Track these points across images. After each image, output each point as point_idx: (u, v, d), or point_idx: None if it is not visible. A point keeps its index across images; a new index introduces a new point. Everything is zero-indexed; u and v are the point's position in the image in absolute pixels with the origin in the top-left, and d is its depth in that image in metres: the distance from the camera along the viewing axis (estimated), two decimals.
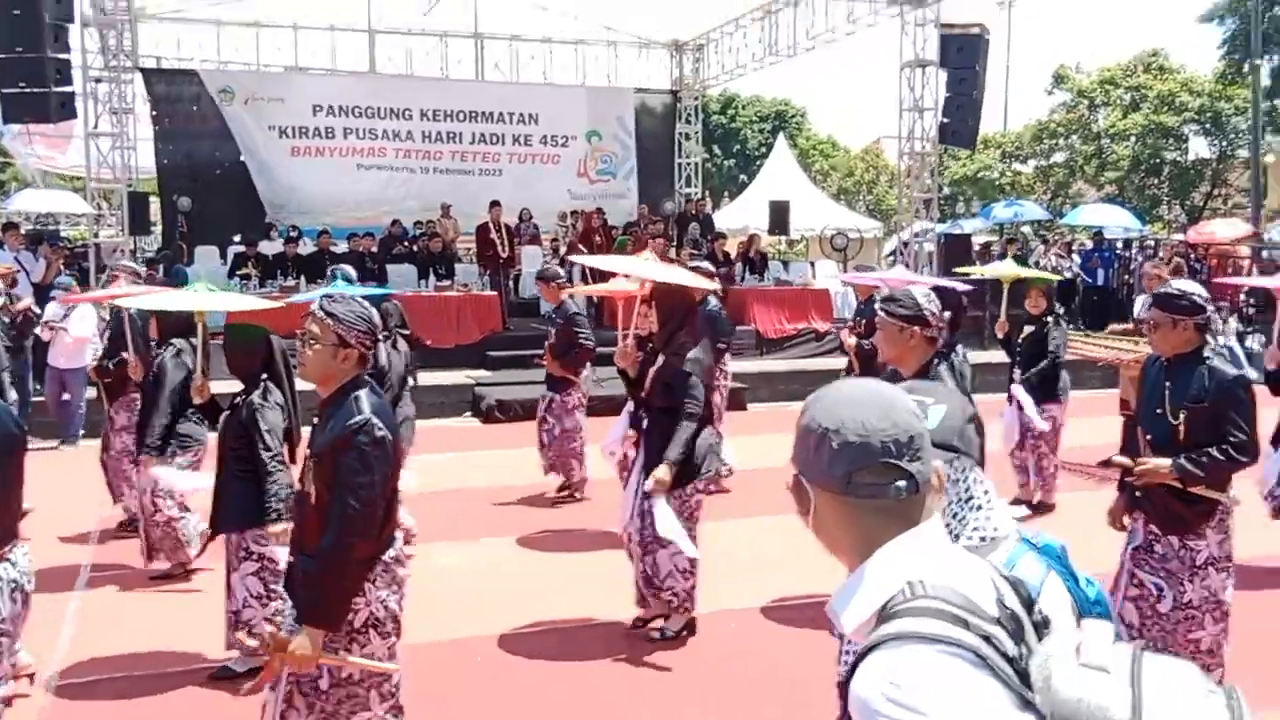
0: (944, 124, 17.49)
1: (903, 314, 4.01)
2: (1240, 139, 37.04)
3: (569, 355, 8.59)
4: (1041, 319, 8.27)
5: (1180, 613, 4.21)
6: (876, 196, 44.39)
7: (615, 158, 21.95)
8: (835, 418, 1.61)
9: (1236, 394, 4.11)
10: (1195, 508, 4.19)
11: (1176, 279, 6.11)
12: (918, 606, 1.46)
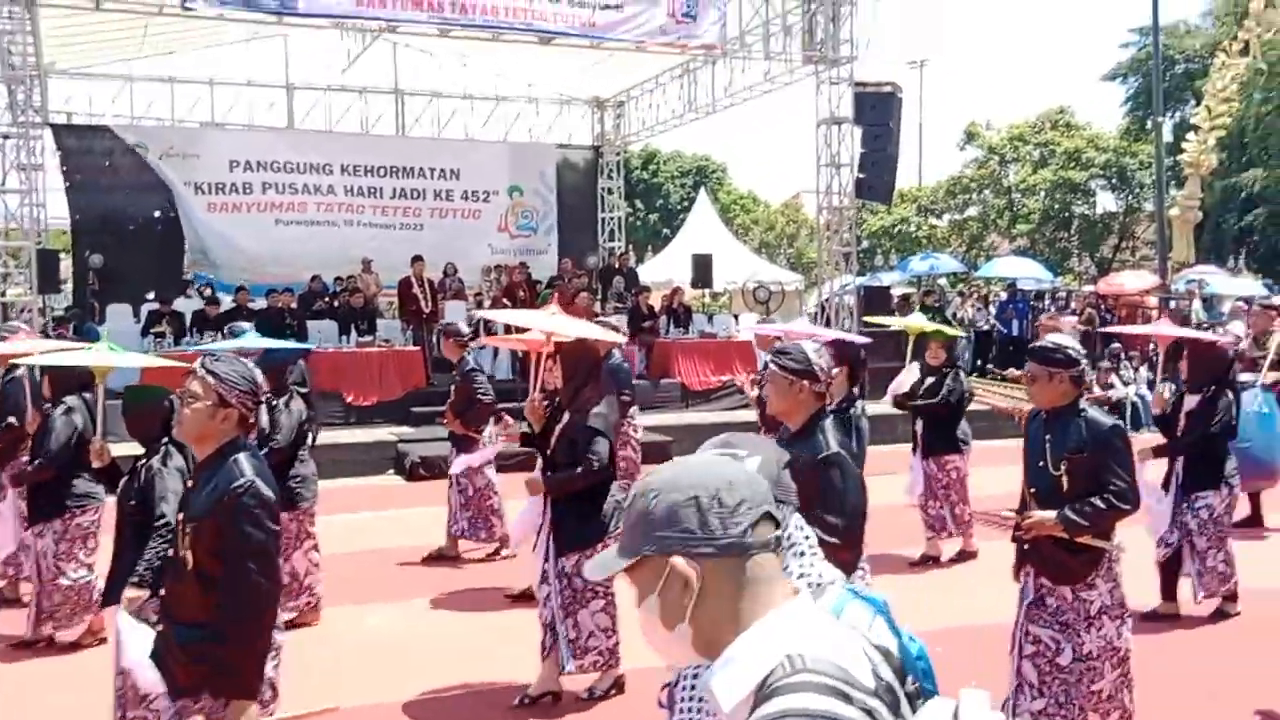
0: (860, 179, 17.82)
1: (793, 367, 4.00)
2: (1145, 193, 38.36)
3: (469, 412, 8.48)
4: (942, 370, 8.35)
5: (1080, 665, 4.22)
6: (797, 250, 45.05)
7: (536, 213, 22.00)
8: (718, 478, 1.60)
9: (1113, 443, 4.19)
10: (1081, 557, 4.24)
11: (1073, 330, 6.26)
12: (799, 682, 1.43)
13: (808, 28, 17.50)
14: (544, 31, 15.58)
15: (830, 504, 3.79)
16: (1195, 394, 6.79)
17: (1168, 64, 35.24)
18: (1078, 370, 4.28)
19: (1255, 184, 34.22)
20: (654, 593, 1.60)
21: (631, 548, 1.62)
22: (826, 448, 3.88)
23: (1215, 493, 6.64)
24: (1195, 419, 6.70)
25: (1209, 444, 6.63)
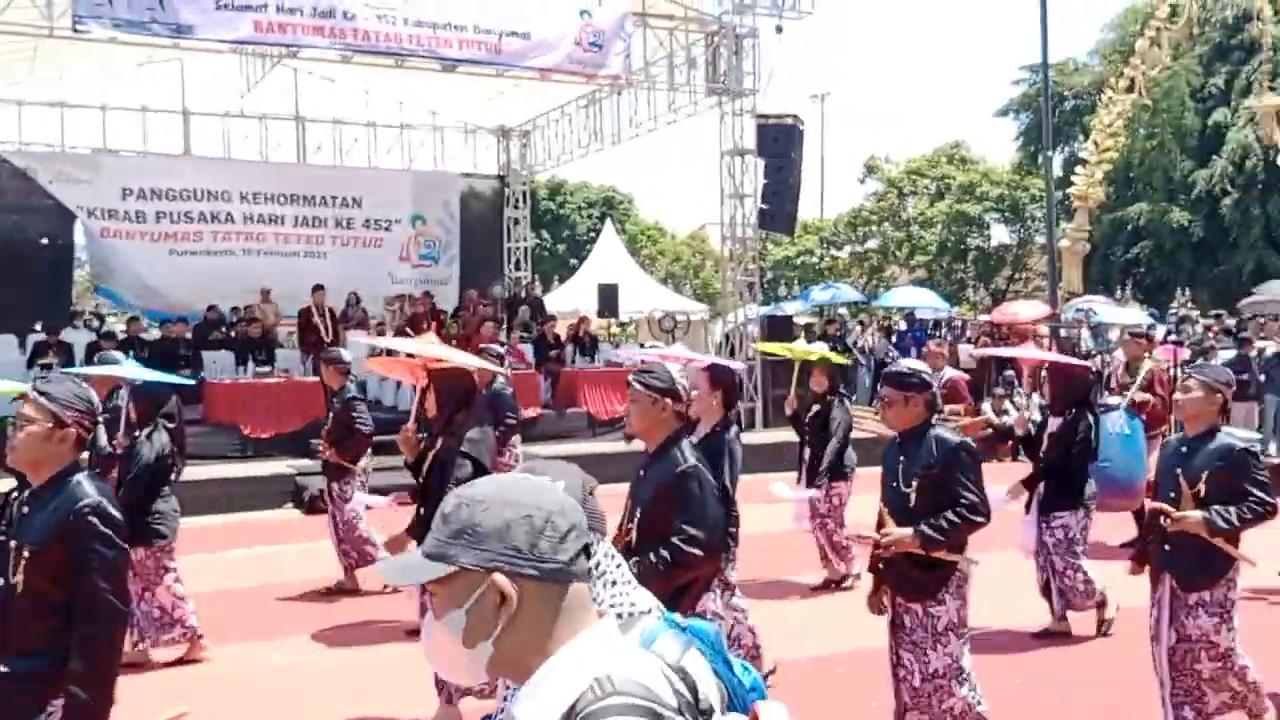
0: (763, 210, 18.07)
1: (656, 385, 4.04)
2: (1037, 225, 39.58)
3: (347, 442, 8.28)
4: (826, 398, 8.38)
5: (929, 684, 4.28)
6: (703, 280, 45.45)
7: (438, 242, 21.82)
8: (553, 501, 1.58)
9: (961, 458, 4.30)
10: (935, 573, 4.33)
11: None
12: (610, 705, 1.42)
13: (711, 60, 17.75)
14: (448, 59, 15.50)
15: (692, 516, 3.83)
16: (1058, 416, 6.94)
17: (1057, 100, 36.51)
18: (930, 394, 4.42)
19: (1141, 217, 35.55)
20: (461, 608, 1.54)
21: (448, 556, 1.54)
22: (684, 462, 3.94)
23: (1072, 514, 6.80)
24: (1057, 441, 6.84)
25: (1068, 466, 6.80)
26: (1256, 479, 4.64)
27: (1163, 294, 34.65)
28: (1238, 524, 4.58)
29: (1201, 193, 34.49)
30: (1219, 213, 34.07)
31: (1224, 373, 5.01)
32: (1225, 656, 4.65)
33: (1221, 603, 4.66)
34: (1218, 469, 4.65)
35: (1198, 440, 4.79)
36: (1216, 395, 4.78)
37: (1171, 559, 4.73)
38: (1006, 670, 6.24)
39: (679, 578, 3.85)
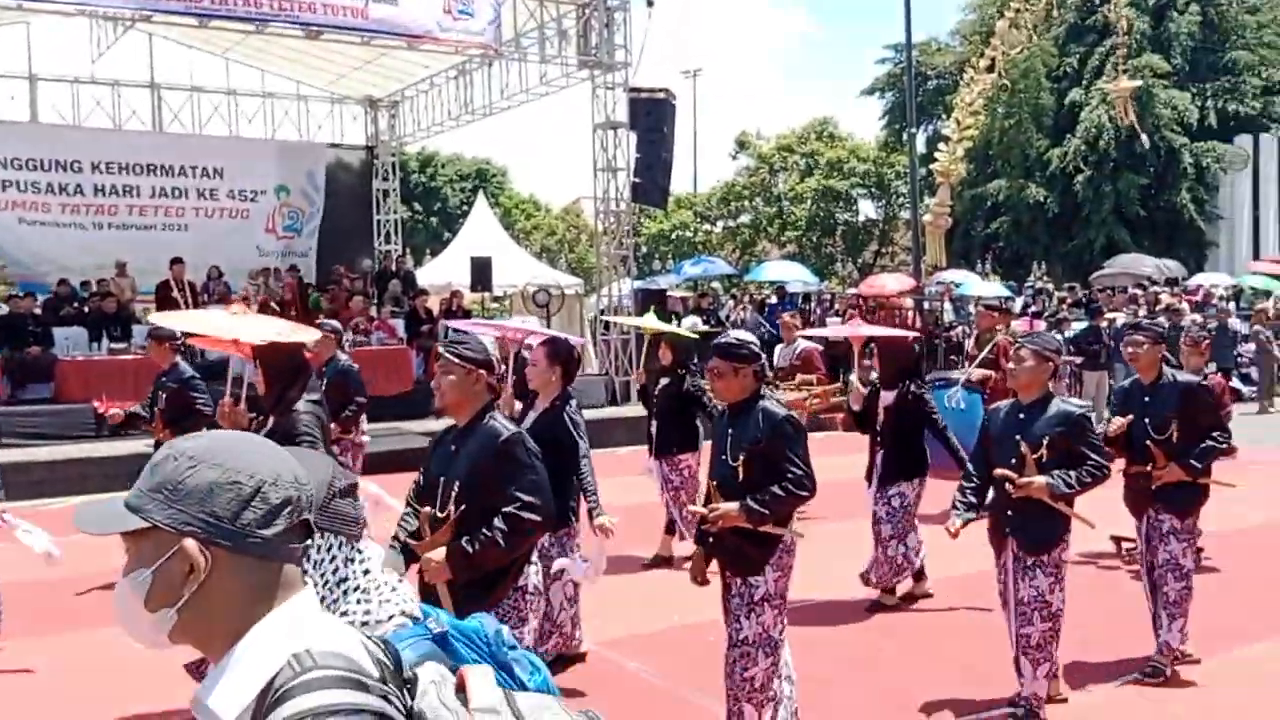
0: (636, 184, 18.10)
1: (470, 356, 3.89)
2: (902, 201, 40.60)
3: (184, 423, 7.69)
4: (675, 371, 8.25)
5: (736, 650, 4.25)
6: (578, 255, 45.38)
7: (302, 214, 21.25)
8: (268, 469, 1.45)
9: (787, 431, 4.26)
10: (761, 548, 4.28)
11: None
12: (313, 679, 1.33)
13: (583, 32, 17.64)
14: (311, 24, 15.04)
15: (524, 483, 3.72)
16: (890, 390, 7.05)
17: (920, 79, 37.41)
18: (759, 365, 4.38)
19: (1000, 193, 36.76)
20: (149, 567, 1.42)
21: (143, 510, 1.42)
22: (506, 430, 3.83)
23: (909, 483, 6.90)
24: (891, 413, 6.93)
25: (907, 437, 6.89)
26: (1092, 443, 4.82)
27: (1021, 268, 36.01)
28: (1078, 487, 4.74)
29: (1057, 170, 35.82)
30: (1073, 189, 35.45)
31: (1053, 341, 5.18)
32: (1055, 618, 4.80)
33: (1057, 564, 4.83)
34: (1057, 434, 4.78)
35: (1034, 407, 4.92)
36: (1047, 363, 4.91)
37: (1015, 523, 4.85)
38: (874, 634, 6.41)
39: (520, 547, 3.73)
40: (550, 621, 5.60)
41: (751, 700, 4.25)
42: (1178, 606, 5.44)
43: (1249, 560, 8.03)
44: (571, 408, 5.74)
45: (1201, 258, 36.01)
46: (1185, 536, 5.51)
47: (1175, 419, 5.49)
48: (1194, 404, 5.54)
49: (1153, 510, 5.54)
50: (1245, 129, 36.84)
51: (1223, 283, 27.37)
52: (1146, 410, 5.62)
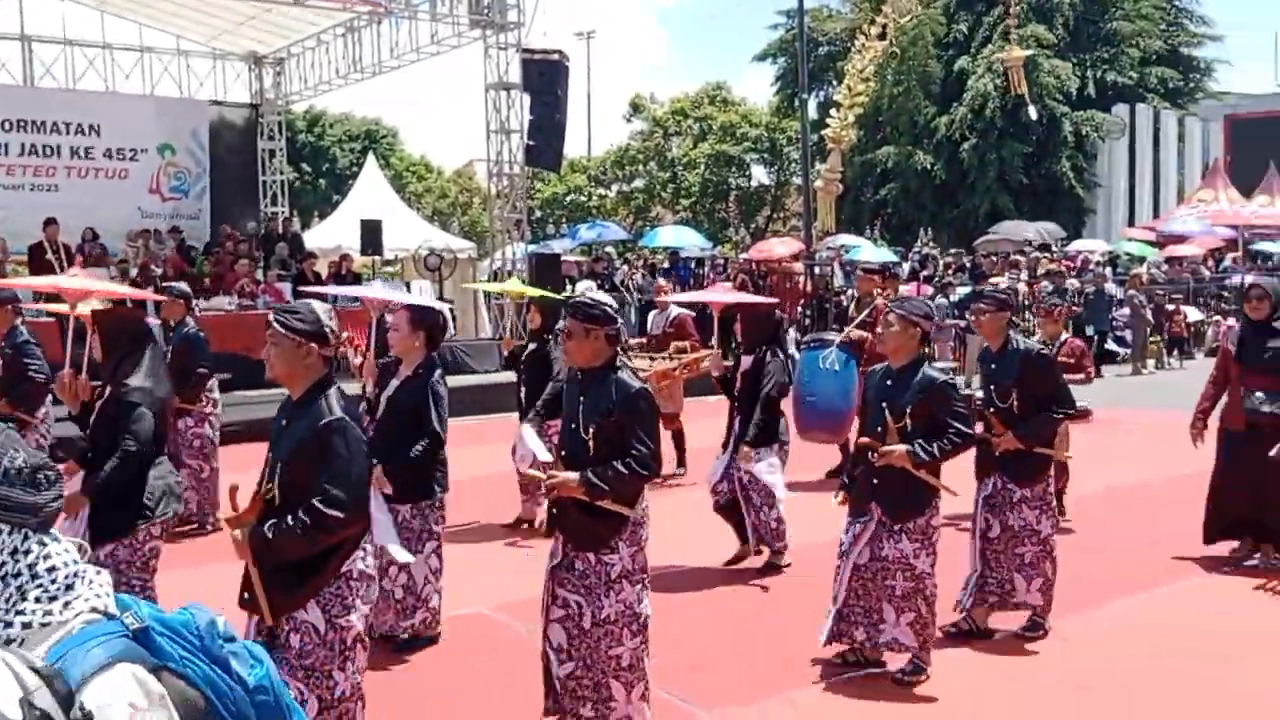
0: (530, 146, 17.94)
1: (299, 327, 3.63)
2: (793, 167, 41.04)
3: (19, 390, 7.43)
4: (542, 336, 8.07)
5: (599, 629, 4.10)
6: (471, 218, 44.89)
7: (189, 174, 20.56)
8: None
9: (640, 407, 4.09)
10: (605, 522, 4.11)
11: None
12: None
13: None
14: None
15: (335, 474, 3.48)
16: (749, 355, 6.97)
17: (812, 46, 37.75)
18: (614, 328, 4.18)
19: (889, 160, 37.42)
20: None
21: None
22: (329, 414, 3.55)
23: (768, 449, 6.81)
24: (749, 379, 6.88)
25: (764, 403, 6.79)
26: (955, 411, 4.81)
27: (909, 233, 36.75)
28: (939, 456, 4.75)
29: (944, 137, 36.58)
30: (959, 157, 36.28)
31: (921, 306, 5.16)
32: (920, 579, 4.83)
33: (924, 530, 4.86)
34: (920, 402, 4.79)
35: (901, 374, 4.92)
36: (914, 329, 4.89)
37: (879, 491, 4.87)
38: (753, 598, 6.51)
39: (322, 541, 3.48)
40: (415, 596, 5.43)
41: (620, 678, 4.14)
42: (1034, 568, 5.49)
43: (1116, 520, 8.28)
44: (436, 377, 5.58)
45: (1080, 224, 37.23)
46: (1037, 503, 5.54)
47: (1015, 387, 5.49)
48: (1032, 373, 5.53)
49: (998, 478, 5.55)
50: (1123, 99, 38.07)
51: (1100, 248, 28.35)
52: (992, 377, 5.66)
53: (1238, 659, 5.22)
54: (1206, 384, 7.22)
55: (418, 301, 6.44)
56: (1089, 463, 9.56)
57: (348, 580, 3.57)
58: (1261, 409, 6.60)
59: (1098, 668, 5.21)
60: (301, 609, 3.49)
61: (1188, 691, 4.89)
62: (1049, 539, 5.54)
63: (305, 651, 3.47)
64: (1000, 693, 4.97)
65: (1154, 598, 6.32)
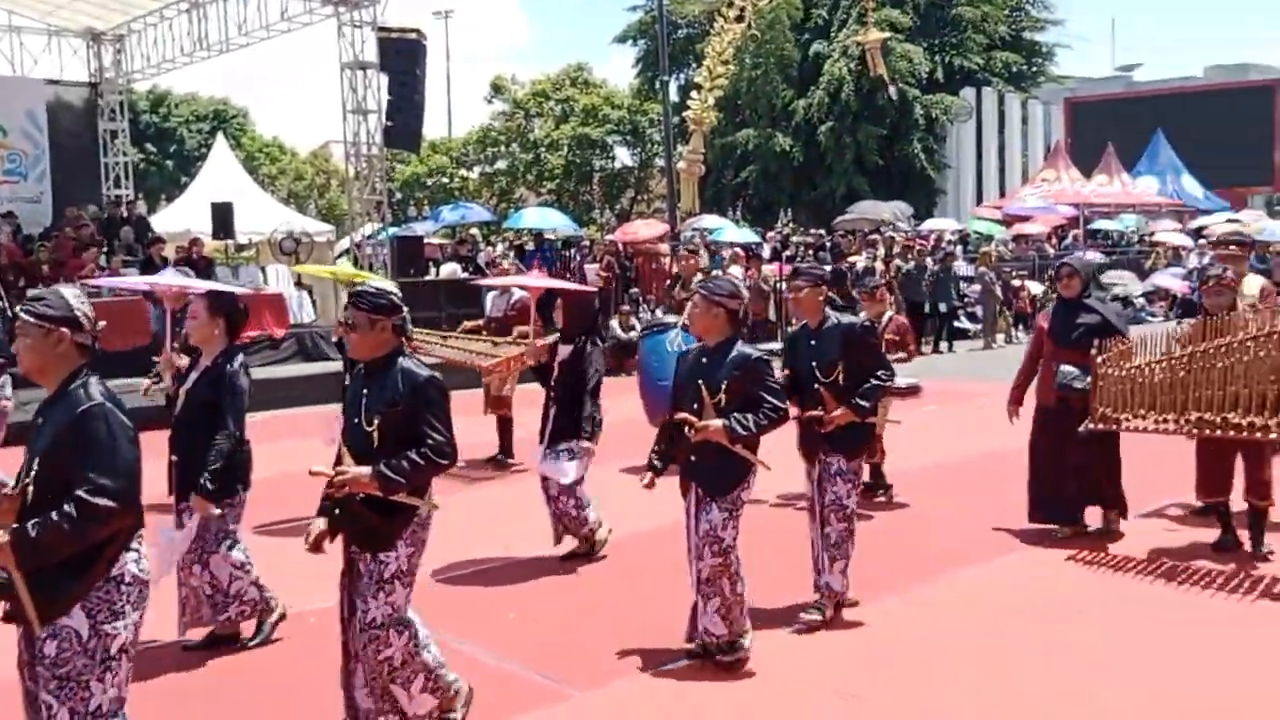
0: (388, 127, 17.58)
1: (50, 315, 3.38)
2: (656, 149, 41.24)
3: None
4: None
5: (365, 634, 3.93)
6: (329, 200, 43.85)
7: (25, 156, 19.46)
8: None
9: (429, 394, 3.93)
10: (391, 520, 3.95)
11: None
12: None
13: None
14: None
15: (98, 462, 3.24)
16: (568, 344, 6.78)
17: (672, 28, 37.97)
18: (400, 318, 4.05)
19: (749, 143, 37.92)
20: None
21: None
22: (88, 400, 3.32)
23: (578, 440, 6.64)
24: (567, 369, 6.71)
25: (578, 394, 6.65)
26: (769, 386, 4.82)
27: (769, 214, 37.36)
28: (755, 430, 4.73)
29: (802, 120, 37.22)
30: (817, 139, 36.97)
31: (726, 286, 5.07)
32: (725, 554, 4.79)
33: (734, 500, 4.84)
34: (734, 378, 4.79)
35: (716, 351, 4.90)
36: (718, 308, 4.87)
37: (697, 467, 4.86)
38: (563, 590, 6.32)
39: (92, 534, 3.24)
40: (223, 594, 5.22)
41: (396, 680, 4.00)
42: (839, 548, 5.44)
43: (954, 492, 8.34)
44: (235, 366, 5.25)
45: (932, 204, 38.44)
46: (850, 477, 5.51)
47: (840, 361, 5.45)
48: (855, 346, 5.49)
49: (823, 453, 5.48)
50: (970, 82, 39.36)
51: (950, 227, 29.29)
52: (814, 354, 5.54)
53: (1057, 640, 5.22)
54: (1022, 360, 7.30)
55: (215, 287, 6.06)
56: (931, 435, 9.83)
57: (118, 584, 3.32)
58: (1073, 385, 6.67)
59: (913, 647, 5.17)
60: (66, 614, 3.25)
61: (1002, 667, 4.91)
62: (853, 516, 5.50)
63: (61, 659, 3.22)
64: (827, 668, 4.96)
65: (980, 572, 6.34)
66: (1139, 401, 6.26)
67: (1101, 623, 5.44)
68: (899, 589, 5.92)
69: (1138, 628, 5.37)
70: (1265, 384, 5.74)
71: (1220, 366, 5.92)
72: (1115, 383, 6.35)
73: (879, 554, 6.15)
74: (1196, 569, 6.19)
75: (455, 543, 6.60)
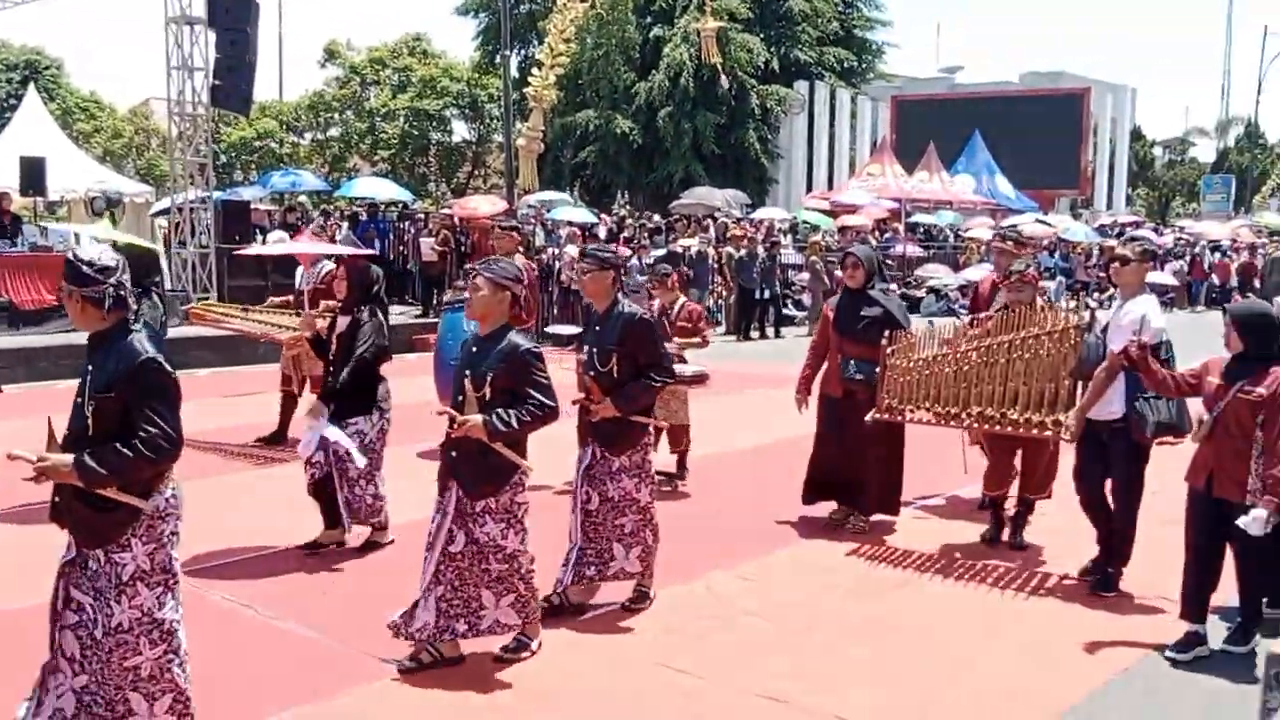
0: (215, 86, 16.95)
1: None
2: (495, 124, 40.89)
3: None
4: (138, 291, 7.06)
5: (112, 639, 3.61)
6: (148, 161, 41.89)
7: None
8: None
9: (148, 378, 3.57)
10: (111, 516, 3.61)
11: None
12: None
13: None
14: None
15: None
16: (346, 315, 6.42)
17: (514, 2, 37.63)
18: (110, 286, 3.60)
19: (589, 123, 37.97)
20: None
21: None
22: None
23: (366, 418, 6.24)
24: (347, 342, 6.29)
25: (359, 368, 6.20)
26: (536, 380, 4.54)
27: (607, 195, 37.56)
28: (517, 427, 4.47)
29: (643, 104, 37.50)
30: (656, 124, 37.31)
31: (511, 269, 4.79)
32: (512, 559, 4.63)
33: (509, 508, 4.61)
34: (500, 370, 4.54)
35: (488, 340, 4.65)
36: (503, 291, 4.64)
37: (456, 465, 4.59)
38: None
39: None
40: None
41: (140, 689, 3.66)
42: (634, 536, 5.32)
43: (742, 482, 8.37)
44: None
45: (764, 193, 39.34)
46: (636, 472, 5.30)
47: (616, 352, 5.24)
48: (634, 338, 5.26)
49: (595, 445, 5.29)
50: (803, 75, 40.39)
51: (780, 216, 30.08)
52: (596, 341, 5.35)
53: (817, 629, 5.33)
54: (808, 350, 7.23)
55: None
56: (758, 419, 10.15)
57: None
58: (855, 377, 6.69)
59: (688, 644, 5.10)
60: None
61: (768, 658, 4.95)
62: (649, 507, 5.37)
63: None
64: (594, 664, 4.88)
65: (753, 566, 6.27)
66: (924, 394, 6.36)
67: (912, 598, 5.78)
68: (693, 574, 5.91)
69: (941, 604, 5.70)
70: (1044, 382, 5.88)
71: (1003, 363, 6.04)
72: (902, 374, 6.44)
73: (684, 537, 6.23)
74: (970, 559, 6.36)
75: (223, 527, 6.58)
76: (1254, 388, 4.73)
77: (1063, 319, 5.95)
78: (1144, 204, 57.49)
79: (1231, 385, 4.79)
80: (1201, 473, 4.92)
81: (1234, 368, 4.85)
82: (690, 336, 8.19)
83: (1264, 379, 4.74)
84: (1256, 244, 31.57)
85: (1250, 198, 51.76)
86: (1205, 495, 4.89)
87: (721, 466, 8.73)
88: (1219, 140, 61.97)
